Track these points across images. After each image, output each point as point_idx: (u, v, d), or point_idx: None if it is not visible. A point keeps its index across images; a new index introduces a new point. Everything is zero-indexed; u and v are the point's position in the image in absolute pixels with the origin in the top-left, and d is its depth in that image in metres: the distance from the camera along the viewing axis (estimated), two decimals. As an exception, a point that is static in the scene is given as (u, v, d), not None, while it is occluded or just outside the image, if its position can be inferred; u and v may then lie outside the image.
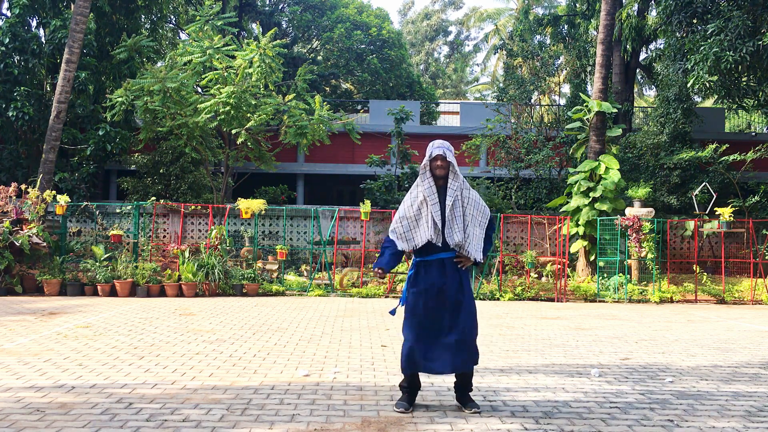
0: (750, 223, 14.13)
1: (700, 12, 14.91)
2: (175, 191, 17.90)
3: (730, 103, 17.31)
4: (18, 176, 16.77)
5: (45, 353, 6.09)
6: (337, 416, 4.24)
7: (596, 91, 15.67)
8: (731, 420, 4.37)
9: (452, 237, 4.36)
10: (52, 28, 17.16)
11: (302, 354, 6.35)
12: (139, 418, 4.11)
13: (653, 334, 8.29)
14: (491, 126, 19.04)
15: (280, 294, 12.46)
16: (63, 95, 14.88)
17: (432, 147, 4.44)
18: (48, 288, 11.51)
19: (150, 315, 9.00)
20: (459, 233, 4.36)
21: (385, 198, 18.02)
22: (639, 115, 29.50)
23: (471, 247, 4.41)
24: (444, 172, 4.41)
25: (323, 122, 16.10)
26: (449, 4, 48.53)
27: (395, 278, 12.84)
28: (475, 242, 4.44)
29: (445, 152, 4.38)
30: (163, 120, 15.32)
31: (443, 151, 4.37)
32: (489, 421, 4.22)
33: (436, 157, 4.39)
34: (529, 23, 24.29)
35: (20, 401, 4.44)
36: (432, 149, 4.42)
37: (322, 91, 26.36)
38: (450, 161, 4.37)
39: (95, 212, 14.97)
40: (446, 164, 4.39)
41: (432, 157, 4.40)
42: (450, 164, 4.39)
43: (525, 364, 6.12)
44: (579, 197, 14.48)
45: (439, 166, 4.40)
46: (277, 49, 15.87)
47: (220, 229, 12.81)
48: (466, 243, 4.39)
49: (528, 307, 11.53)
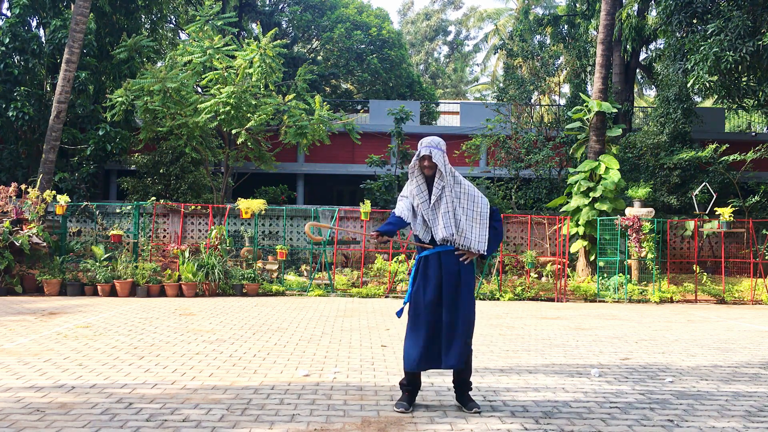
0: (750, 223, 14.14)
1: (700, 12, 14.91)
2: (175, 191, 17.90)
3: (730, 103, 17.31)
4: (18, 176, 16.77)
5: (45, 353, 6.09)
6: (337, 416, 4.24)
7: (596, 91, 15.67)
8: (731, 420, 4.37)
9: (438, 233, 4.37)
10: (52, 28, 17.16)
11: (302, 354, 6.35)
12: (139, 418, 4.11)
13: (653, 334, 8.29)
14: (491, 126, 19.05)
15: (280, 294, 12.46)
16: (63, 95, 14.88)
17: (420, 146, 4.46)
18: (48, 288, 11.51)
19: (150, 315, 9.00)
20: (448, 228, 4.36)
21: (385, 198, 18.02)
22: (639, 115, 29.50)
23: (468, 240, 4.40)
24: (431, 172, 4.43)
25: (323, 122, 16.10)
26: (449, 4, 48.54)
27: (395, 278, 12.84)
28: (474, 235, 4.43)
29: (432, 151, 4.37)
30: (163, 120, 15.32)
31: (429, 151, 4.38)
32: (489, 421, 4.22)
33: (423, 157, 4.41)
34: (529, 23, 24.29)
35: (20, 401, 4.44)
36: (420, 148, 4.44)
37: (322, 91, 26.38)
38: (435, 162, 4.36)
39: (95, 212, 14.96)
40: (432, 164, 4.39)
41: (420, 157, 4.42)
42: (436, 164, 4.38)
43: (525, 364, 6.12)
44: (579, 197, 14.48)
45: (426, 166, 4.42)
46: (277, 49, 15.87)
47: (220, 229, 12.81)
48: (460, 237, 4.39)
49: (528, 307, 11.53)
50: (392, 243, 13.21)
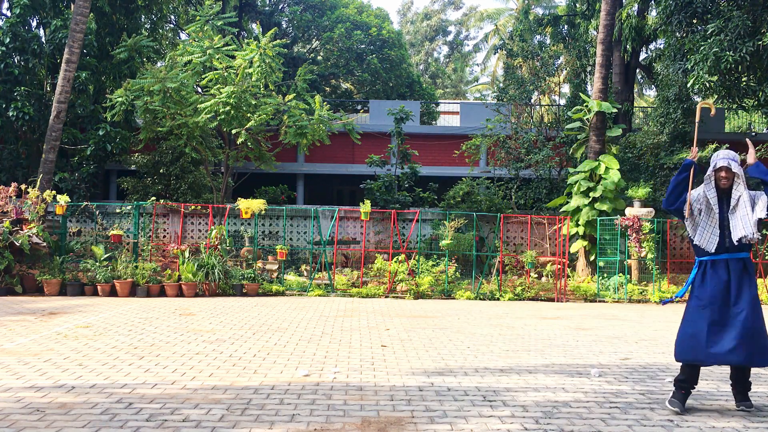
0: (750, 223, 14.10)
1: (700, 12, 14.90)
2: (175, 191, 17.90)
3: (730, 103, 17.30)
4: (18, 176, 16.76)
5: (45, 353, 6.09)
6: (337, 416, 4.24)
7: (596, 91, 15.67)
8: (731, 420, 4.37)
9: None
10: (53, 28, 17.16)
11: (302, 354, 6.35)
12: (139, 418, 4.11)
13: (653, 334, 8.29)
14: (491, 126, 19.05)
15: (280, 294, 12.46)
16: (63, 95, 14.88)
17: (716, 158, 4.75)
18: (48, 288, 11.51)
19: (150, 315, 9.00)
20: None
21: (385, 198, 18.02)
22: (639, 115, 29.49)
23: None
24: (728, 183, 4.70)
25: (323, 122, 16.10)
26: (449, 4, 48.53)
27: (395, 278, 12.83)
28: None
29: (730, 163, 4.66)
30: (163, 120, 15.32)
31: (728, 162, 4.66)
32: (489, 421, 4.22)
33: (720, 168, 4.69)
34: (529, 23, 24.28)
35: (20, 401, 4.44)
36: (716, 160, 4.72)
37: (322, 91, 26.37)
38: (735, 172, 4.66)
39: (95, 212, 14.96)
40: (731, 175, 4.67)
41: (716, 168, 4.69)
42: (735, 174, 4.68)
43: (525, 364, 6.12)
44: (579, 197, 14.48)
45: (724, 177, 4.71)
46: (277, 49, 15.87)
47: (220, 229, 12.81)
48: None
49: (528, 307, 11.53)
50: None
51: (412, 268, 13.10)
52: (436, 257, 13.98)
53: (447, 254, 13.27)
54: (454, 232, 13.95)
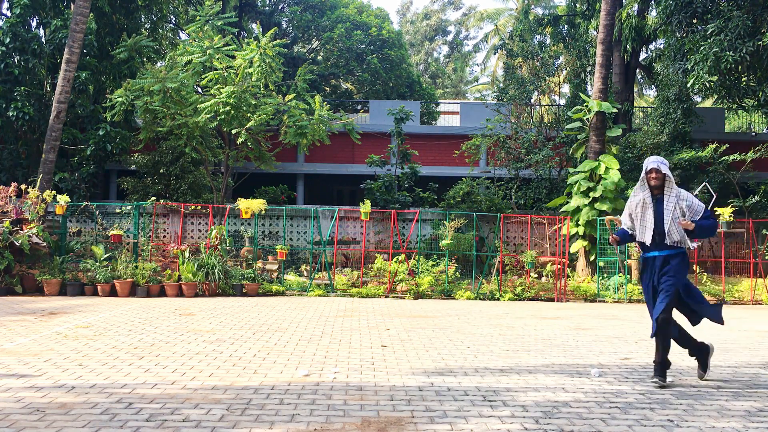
0: (750, 223, 14.13)
1: (700, 12, 14.91)
2: (175, 191, 17.90)
3: (730, 103, 17.30)
4: (18, 176, 16.77)
5: (45, 353, 6.09)
6: (337, 416, 4.24)
7: (596, 91, 15.67)
8: (731, 420, 4.37)
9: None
10: (53, 28, 17.16)
11: (302, 354, 6.35)
12: (139, 418, 4.11)
13: (653, 334, 8.28)
14: (491, 126, 19.04)
15: (280, 294, 12.46)
16: (63, 95, 14.88)
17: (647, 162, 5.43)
18: (48, 288, 11.51)
19: (150, 315, 9.00)
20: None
21: (385, 198, 18.01)
22: (639, 115, 29.49)
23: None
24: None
25: (323, 122, 16.10)
26: (449, 4, 48.55)
27: (395, 278, 12.83)
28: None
29: (660, 166, 5.35)
30: (163, 120, 15.32)
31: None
32: (489, 421, 4.22)
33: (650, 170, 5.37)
34: (529, 23, 24.29)
35: (20, 401, 4.44)
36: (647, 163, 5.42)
37: (322, 91, 26.37)
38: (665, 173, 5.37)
39: (95, 212, 14.97)
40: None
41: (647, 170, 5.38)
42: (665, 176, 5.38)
43: (525, 364, 6.13)
44: (579, 197, 14.48)
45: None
46: (277, 49, 15.87)
47: (220, 229, 12.81)
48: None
49: (528, 307, 11.53)
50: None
51: (412, 268, 13.10)
52: (436, 257, 13.98)
53: (447, 254, 13.27)
54: (454, 232, 13.95)
